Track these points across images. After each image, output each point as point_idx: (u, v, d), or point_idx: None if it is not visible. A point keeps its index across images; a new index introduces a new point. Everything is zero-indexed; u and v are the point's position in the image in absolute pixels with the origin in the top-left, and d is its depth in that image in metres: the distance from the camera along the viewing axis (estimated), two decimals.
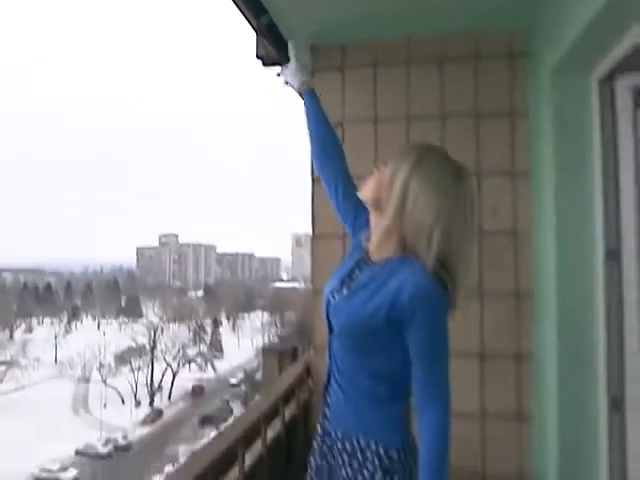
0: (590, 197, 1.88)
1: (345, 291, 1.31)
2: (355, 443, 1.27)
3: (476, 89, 2.19)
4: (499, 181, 2.17)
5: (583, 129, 1.89)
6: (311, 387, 2.43)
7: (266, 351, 2.84)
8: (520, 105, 2.16)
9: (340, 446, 1.29)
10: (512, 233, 2.17)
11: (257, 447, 2.01)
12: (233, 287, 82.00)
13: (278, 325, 51.12)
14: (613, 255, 1.84)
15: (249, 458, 1.92)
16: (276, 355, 2.79)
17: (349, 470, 1.26)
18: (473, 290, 2.12)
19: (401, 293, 1.17)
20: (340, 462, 1.29)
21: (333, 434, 1.32)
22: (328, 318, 1.35)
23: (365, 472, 1.23)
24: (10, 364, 37.37)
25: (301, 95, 1.74)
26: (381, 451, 1.24)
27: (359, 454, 1.26)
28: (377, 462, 1.23)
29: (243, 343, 51.60)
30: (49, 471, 26.21)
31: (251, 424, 1.76)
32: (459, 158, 2.21)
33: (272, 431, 2.20)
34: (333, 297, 1.33)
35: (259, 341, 47.71)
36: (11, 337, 45.62)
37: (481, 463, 2.14)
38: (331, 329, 1.34)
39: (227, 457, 1.84)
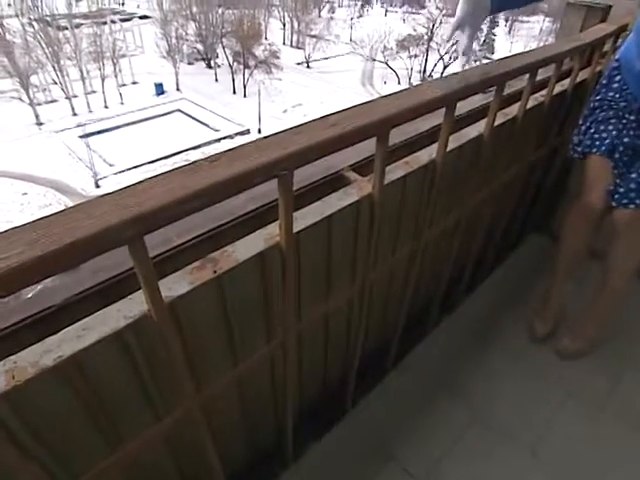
0: None
1: None
2: None
3: None
4: None
5: None
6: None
7: (571, 5, 2.11)
8: None
9: None
10: None
11: (541, 94, 1.67)
12: None
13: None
14: None
15: (531, 101, 1.61)
16: (582, 12, 2.09)
17: None
18: None
19: None
20: None
21: None
22: None
23: None
24: (318, 38, 40.14)
25: None
26: None
27: None
28: None
29: (515, 48, 45.26)
30: None
31: (547, 58, 1.37)
32: None
33: (559, 87, 1.79)
34: None
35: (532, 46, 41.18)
36: (319, 15, 47.56)
37: None
38: None
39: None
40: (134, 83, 28.88)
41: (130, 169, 20.25)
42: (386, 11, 57.06)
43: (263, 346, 1.04)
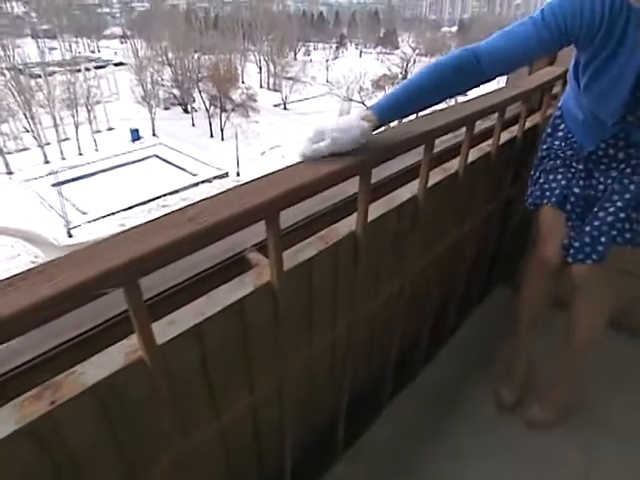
0: None
1: None
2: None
3: None
4: None
5: None
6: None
7: None
8: None
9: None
10: None
11: (487, 144, 1.60)
12: (489, 25, 71.39)
13: None
14: None
15: (476, 152, 1.54)
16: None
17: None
18: None
19: None
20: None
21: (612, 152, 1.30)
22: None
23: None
24: (295, 80, 41.20)
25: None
26: None
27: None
28: None
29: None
30: None
31: (487, 108, 1.29)
32: None
33: (508, 134, 1.73)
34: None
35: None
36: (295, 58, 49.16)
37: None
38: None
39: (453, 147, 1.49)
40: (109, 129, 29.07)
41: (104, 217, 20.04)
42: (361, 52, 59.33)
43: (164, 455, 0.88)
